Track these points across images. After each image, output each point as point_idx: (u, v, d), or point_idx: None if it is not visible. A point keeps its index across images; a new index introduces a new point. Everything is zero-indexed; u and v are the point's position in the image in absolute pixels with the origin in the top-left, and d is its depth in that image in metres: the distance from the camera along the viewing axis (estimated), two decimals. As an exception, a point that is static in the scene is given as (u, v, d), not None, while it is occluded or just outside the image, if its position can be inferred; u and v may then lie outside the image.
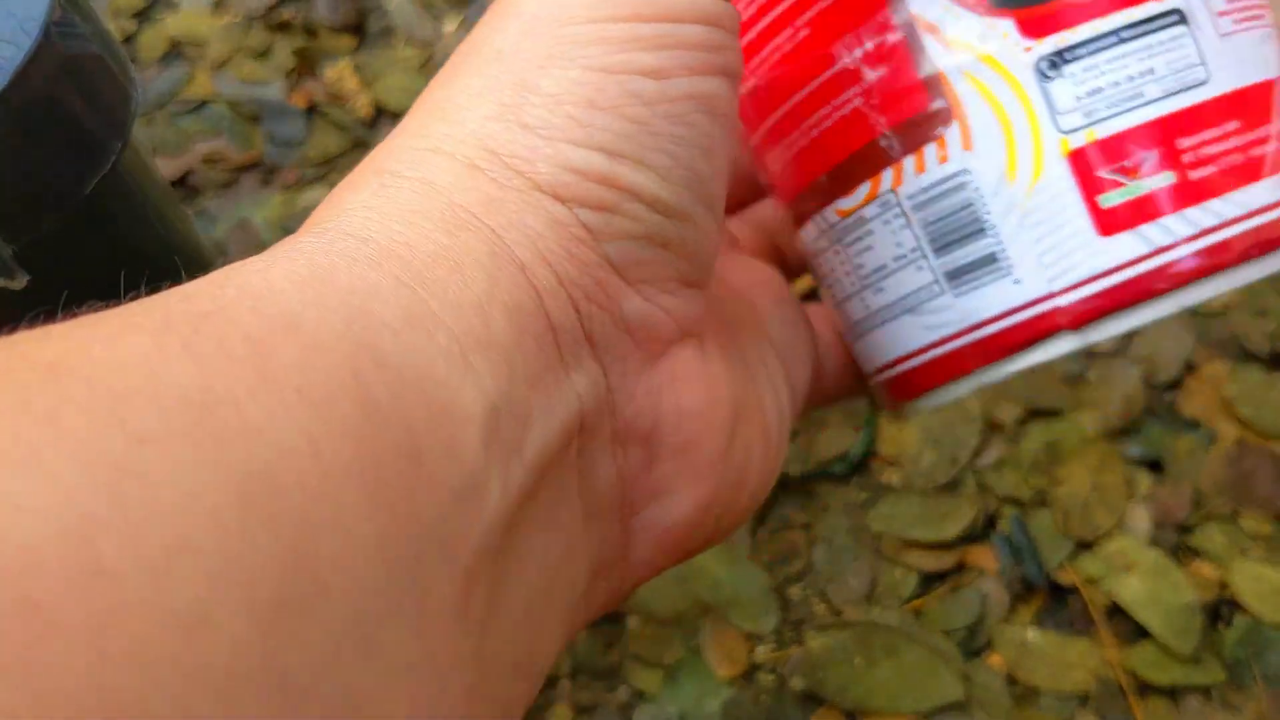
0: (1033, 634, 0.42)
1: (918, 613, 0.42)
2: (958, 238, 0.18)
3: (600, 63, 0.15)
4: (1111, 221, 0.17)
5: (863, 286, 0.19)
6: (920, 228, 0.18)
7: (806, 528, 0.45)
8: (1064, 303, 0.18)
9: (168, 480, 0.10)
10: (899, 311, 0.19)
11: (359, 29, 0.67)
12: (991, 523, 0.45)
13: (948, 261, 0.18)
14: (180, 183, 0.61)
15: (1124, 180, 0.17)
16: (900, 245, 0.19)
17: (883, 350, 0.20)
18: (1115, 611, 0.42)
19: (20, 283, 0.22)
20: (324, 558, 0.11)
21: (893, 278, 0.19)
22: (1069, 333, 0.18)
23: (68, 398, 0.10)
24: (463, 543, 0.13)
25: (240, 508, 0.10)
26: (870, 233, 0.19)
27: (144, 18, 0.68)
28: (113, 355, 0.11)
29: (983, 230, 0.18)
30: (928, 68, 0.17)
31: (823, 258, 0.20)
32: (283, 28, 0.66)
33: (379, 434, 0.12)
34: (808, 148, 0.19)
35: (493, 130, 0.15)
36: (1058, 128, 0.17)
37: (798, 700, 0.40)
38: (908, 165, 0.18)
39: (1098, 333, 0.18)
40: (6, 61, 0.21)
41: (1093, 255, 0.17)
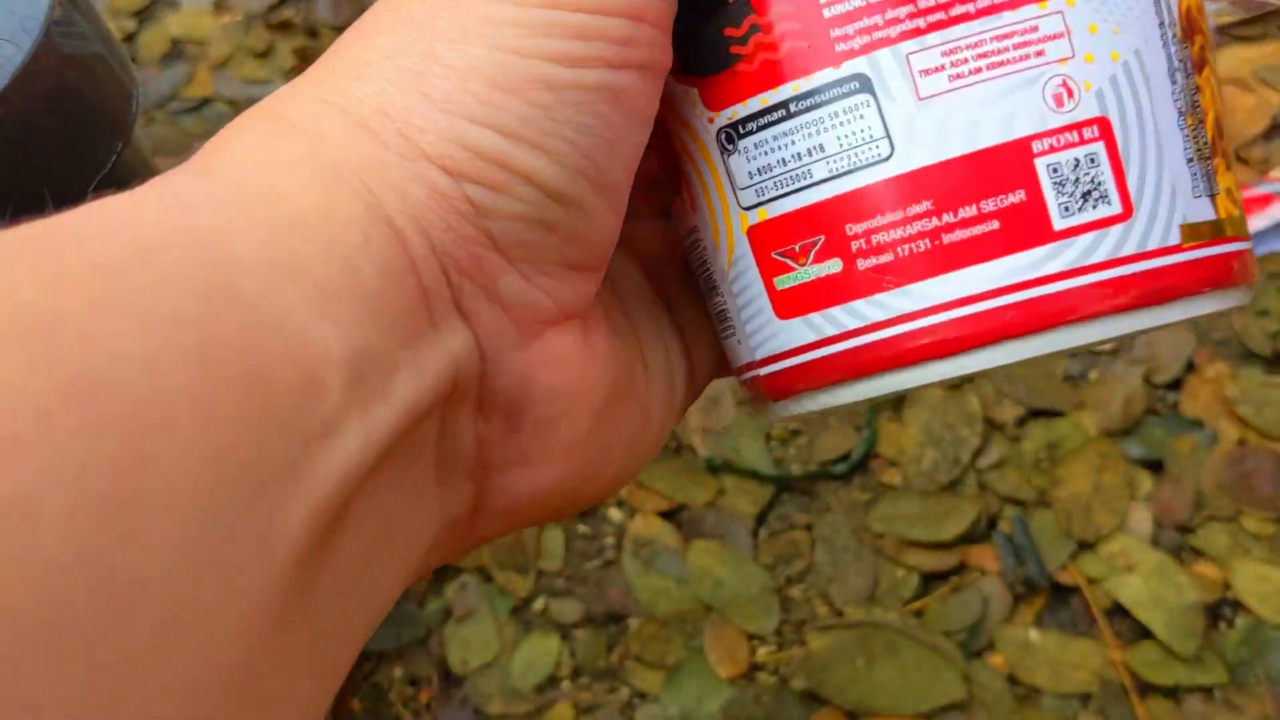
0: (1034, 634, 0.42)
1: (919, 613, 0.42)
2: (706, 287, 0.18)
3: (512, 44, 0.15)
4: (786, 304, 0.16)
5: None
6: (691, 267, 0.18)
7: (808, 528, 0.45)
8: (762, 374, 0.17)
9: (1, 376, 0.10)
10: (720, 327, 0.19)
11: (360, 28, 0.67)
12: (993, 523, 0.45)
13: (710, 305, 0.18)
14: (181, 182, 0.61)
15: (793, 264, 0.16)
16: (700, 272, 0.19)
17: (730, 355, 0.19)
18: (1117, 612, 0.42)
19: (21, 282, 0.22)
20: (156, 464, 0.11)
21: (707, 299, 0.19)
22: (772, 402, 0.17)
23: None
24: (312, 481, 0.12)
25: (70, 407, 0.10)
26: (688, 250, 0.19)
27: (144, 17, 0.68)
28: None
29: (715, 288, 0.17)
30: (666, 123, 0.17)
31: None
32: (283, 27, 0.66)
33: (224, 363, 0.12)
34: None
35: (392, 95, 0.15)
36: (739, 203, 0.16)
37: (799, 700, 0.40)
38: (676, 205, 0.18)
39: (786, 410, 0.17)
40: (7, 61, 0.21)
41: (773, 335, 0.16)
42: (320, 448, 0.13)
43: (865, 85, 0.15)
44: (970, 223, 0.15)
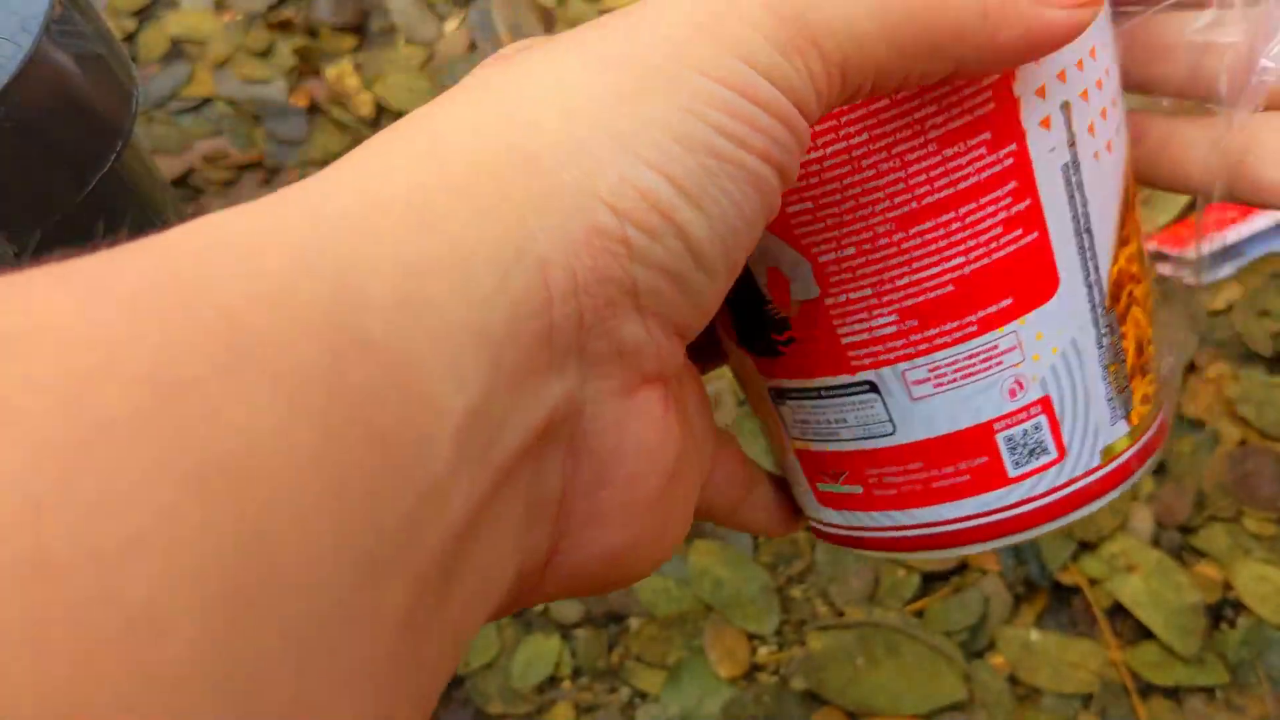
0: (1035, 634, 0.42)
1: (919, 613, 0.42)
2: (771, 443, 0.25)
3: (692, 108, 0.16)
4: (824, 499, 0.23)
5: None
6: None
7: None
8: (810, 524, 0.24)
9: (123, 469, 0.10)
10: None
11: (360, 28, 0.67)
12: (994, 523, 0.45)
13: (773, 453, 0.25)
14: (181, 181, 0.61)
15: (828, 479, 0.23)
16: None
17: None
18: (1118, 612, 0.42)
19: (21, 282, 0.22)
20: (281, 556, 0.11)
21: None
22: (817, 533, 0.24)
23: (24, 375, 0.10)
24: (421, 547, 0.12)
25: (198, 501, 0.10)
26: None
27: (144, 16, 0.68)
28: (77, 327, 0.11)
29: (777, 457, 0.24)
30: None
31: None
32: (284, 27, 0.66)
33: (350, 424, 0.12)
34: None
35: (573, 128, 0.16)
36: (788, 433, 0.23)
37: (799, 700, 0.40)
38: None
39: (824, 539, 0.24)
40: (7, 60, 0.21)
41: (816, 510, 0.23)
42: (429, 511, 0.13)
43: (873, 388, 0.21)
44: (950, 475, 0.22)
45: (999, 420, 0.22)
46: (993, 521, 0.22)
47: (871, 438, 0.22)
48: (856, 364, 0.22)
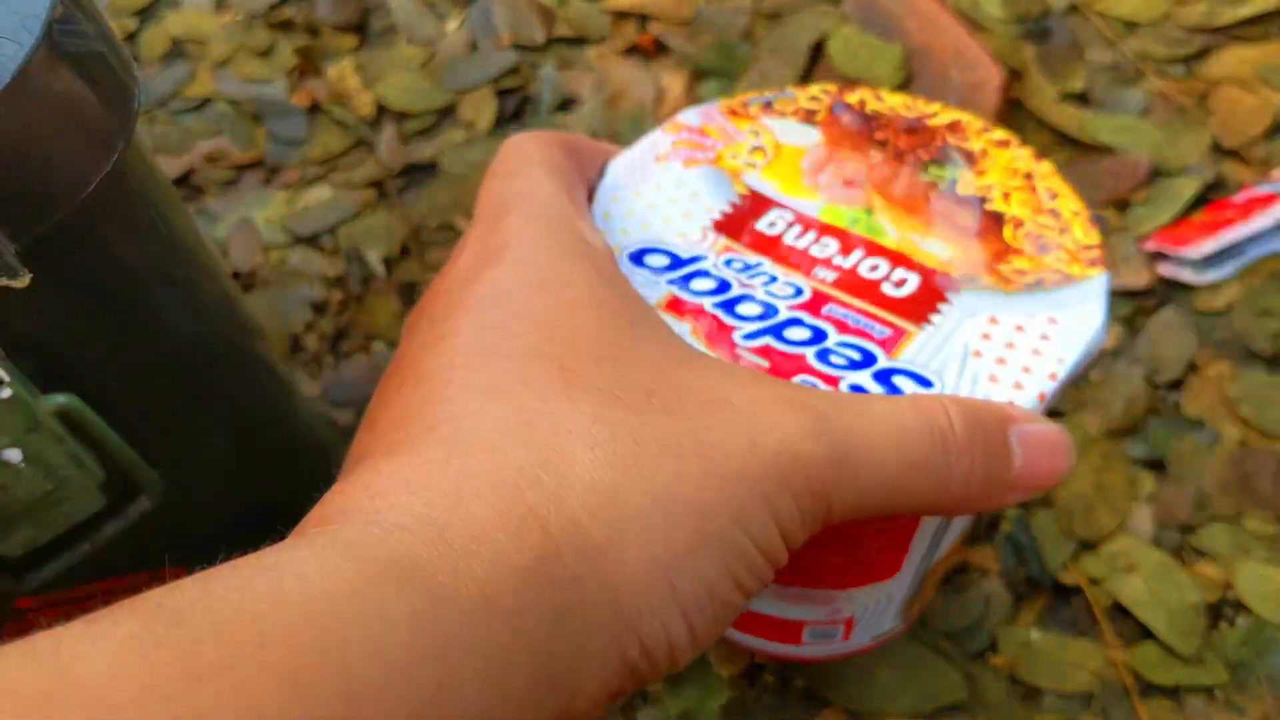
0: (1035, 634, 0.42)
1: (920, 613, 0.42)
2: None
3: (734, 569, 0.19)
4: None
5: None
6: None
7: (809, 527, 0.45)
8: None
9: None
10: None
11: (361, 28, 0.67)
12: (994, 523, 0.44)
13: None
14: (182, 181, 0.61)
15: None
16: None
17: None
18: (1118, 612, 0.42)
19: (23, 282, 0.22)
20: None
21: None
22: None
23: None
24: None
25: None
26: None
27: (145, 15, 0.68)
28: None
29: None
30: None
31: None
32: (284, 26, 0.66)
33: None
34: None
35: (633, 567, 0.18)
36: None
37: (800, 700, 0.40)
38: None
39: None
40: (8, 59, 0.21)
41: None
42: None
43: None
44: (763, 632, 0.29)
45: (810, 622, 0.29)
46: (783, 654, 0.31)
47: None
48: None
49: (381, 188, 0.59)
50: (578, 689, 0.17)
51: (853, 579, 0.29)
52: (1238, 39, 0.58)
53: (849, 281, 0.27)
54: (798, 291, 0.27)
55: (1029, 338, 0.26)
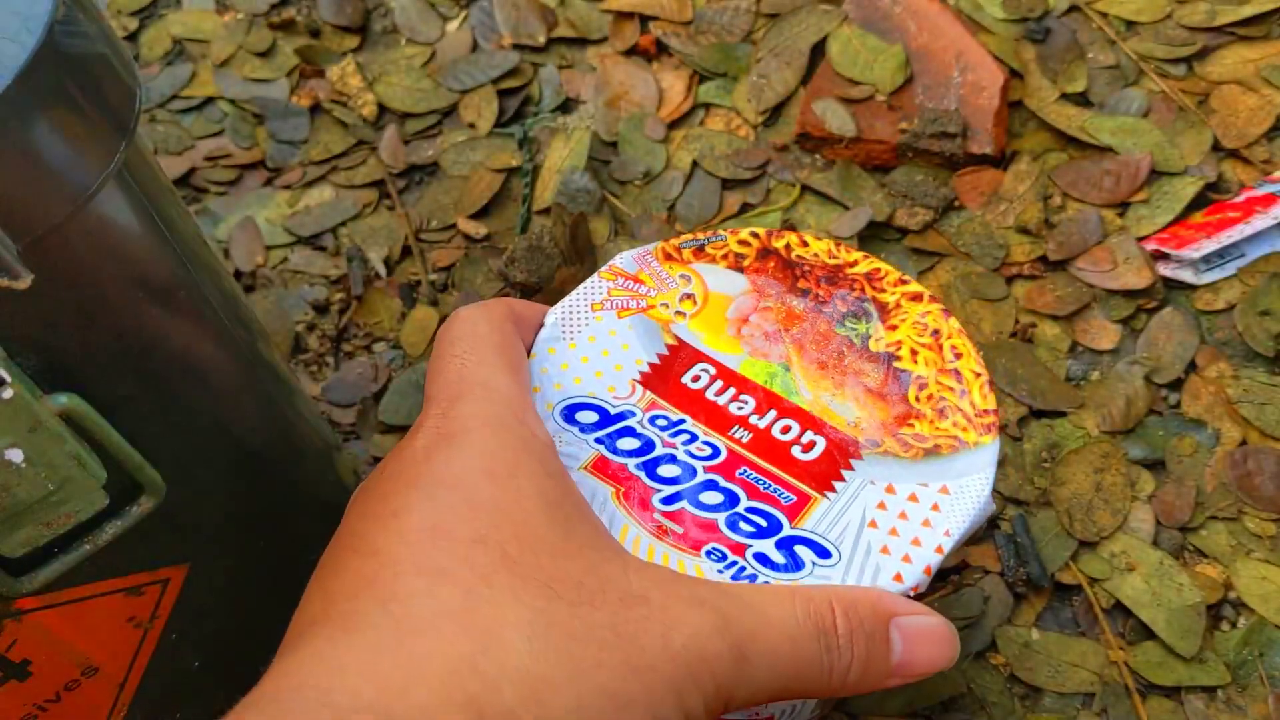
0: (1035, 634, 0.42)
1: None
2: None
3: None
4: None
5: None
6: None
7: (809, 527, 0.45)
8: None
9: None
10: None
11: (362, 28, 0.67)
12: (994, 523, 0.45)
13: None
14: (183, 181, 0.61)
15: None
16: None
17: None
18: (1118, 612, 0.42)
19: (25, 282, 0.22)
20: None
21: None
22: None
23: None
24: None
25: None
26: None
27: (146, 15, 0.69)
28: None
29: None
30: None
31: None
32: (286, 26, 0.66)
33: None
34: None
35: None
36: None
37: (800, 700, 0.40)
38: None
39: None
40: (11, 60, 0.21)
41: None
42: None
43: None
44: None
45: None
46: None
47: None
48: None
49: (383, 188, 0.59)
50: None
51: None
52: (1238, 38, 0.58)
53: (762, 443, 0.29)
54: (715, 452, 0.29)
55: (921, 508, 0.28)
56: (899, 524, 0.28)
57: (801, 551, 0.27)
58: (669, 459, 0.29)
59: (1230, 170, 0.54)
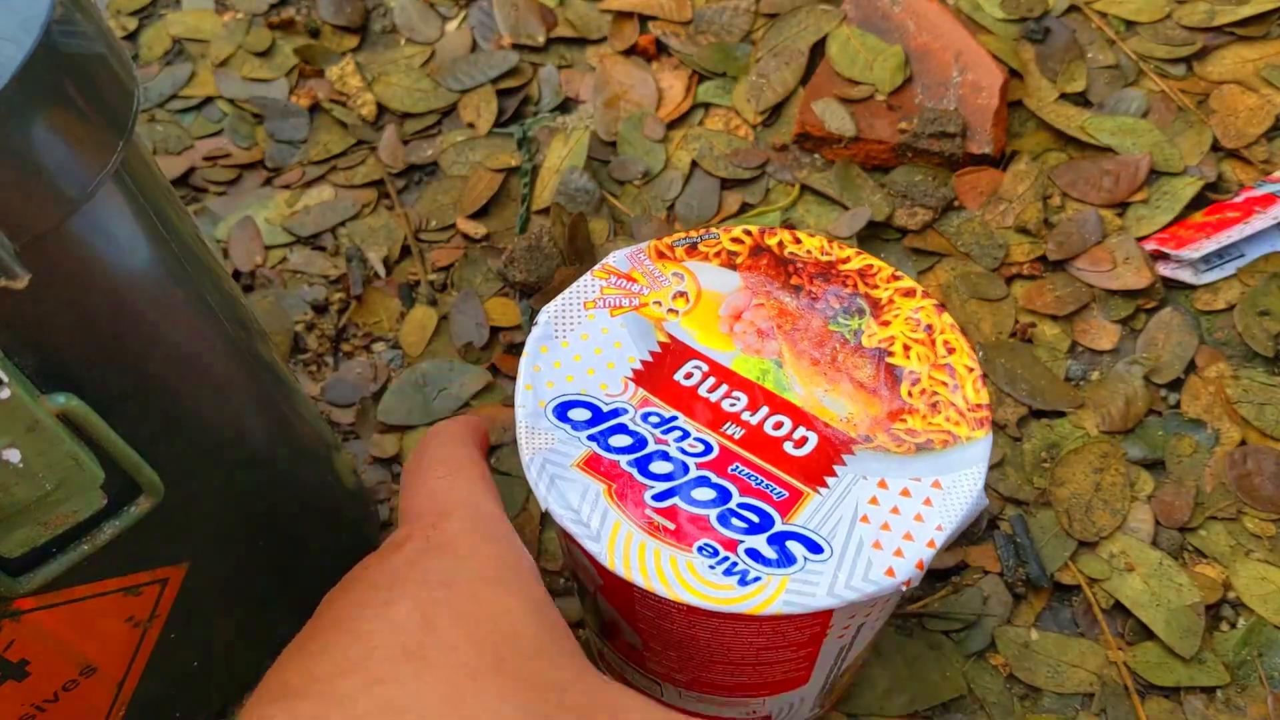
0: (1034, 634, 0.42)
1: (919, 612, 0.42)
2: None
3: None
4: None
5: None
6: None
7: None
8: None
9: None
10: None
11: (362, 28, 0.67)
12: (993, 523, 0.45)
13: None
14: (182, 181, 0.61)
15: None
16: None
17: None
18: (1117, 612, 0.42)
19: (22, 282, 0.22)
20: None
21: None
22: None
23: None
24: None
25: None
26: None
27: (145, 15, 0.69)
28: None
29: None
30: None
31: None
32: (285, 26, 0.66)
33: None
34: None
35: None
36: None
37: (799, 700, 0.40)
38: None
39: None
40: (8, 60, 0.21)
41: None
42: None
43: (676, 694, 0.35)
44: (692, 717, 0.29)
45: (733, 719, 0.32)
46: None
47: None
48: (665, 678, 0.33)
49: (382, 188, 0.59)
50: None
51: (767, 690, 0.32)
52: (1238, 38, 0.58)
53: (754, 439, 0.29)
54: (707, 449, 0.29)
55: (914, 503, 0.28)
56: (891, 519, 0.28)
57: (793, 547, 0.27)
58: (661, 456, 0.29)
59: (1230, 170, 0.54)
